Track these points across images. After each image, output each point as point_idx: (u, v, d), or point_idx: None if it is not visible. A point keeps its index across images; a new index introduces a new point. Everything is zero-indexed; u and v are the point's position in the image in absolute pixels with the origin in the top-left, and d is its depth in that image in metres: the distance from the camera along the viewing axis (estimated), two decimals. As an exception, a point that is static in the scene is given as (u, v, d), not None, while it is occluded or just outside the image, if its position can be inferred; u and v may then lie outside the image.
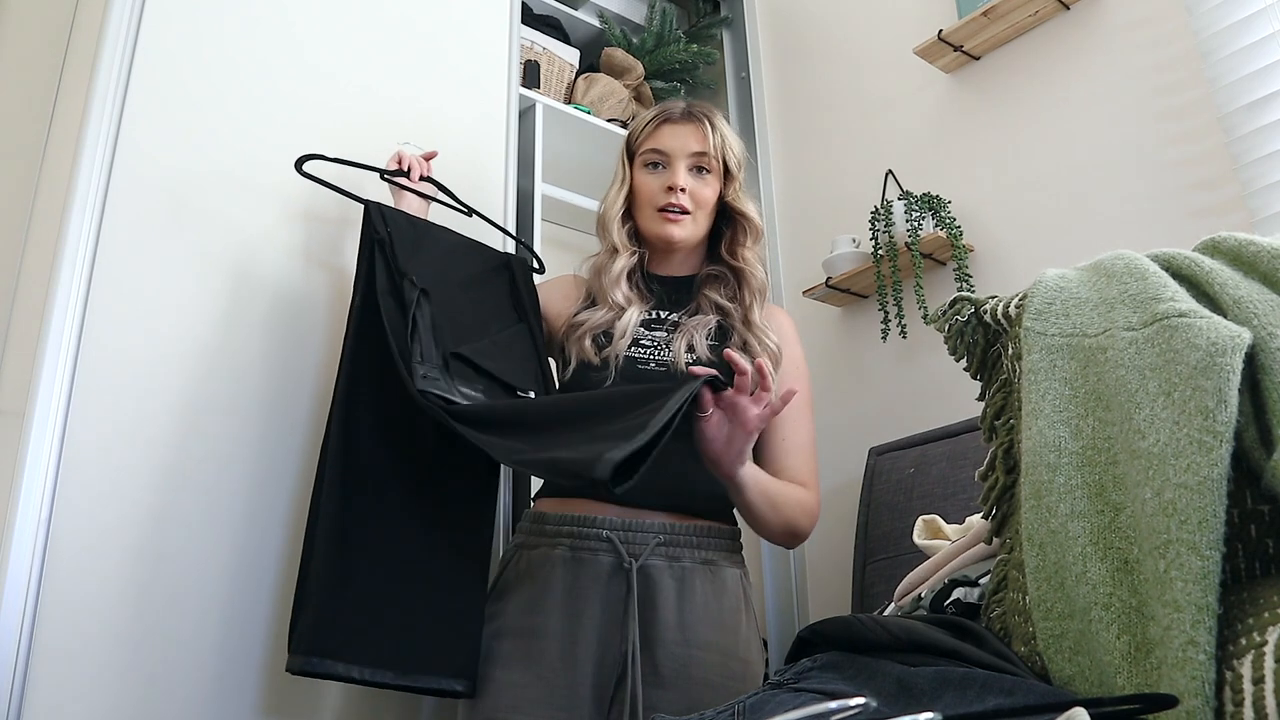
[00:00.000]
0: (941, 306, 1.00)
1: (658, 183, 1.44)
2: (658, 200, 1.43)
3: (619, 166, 1.50)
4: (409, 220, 1.45)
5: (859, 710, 0.59)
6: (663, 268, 1.49)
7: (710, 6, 2.72)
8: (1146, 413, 0.70)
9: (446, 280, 1.41)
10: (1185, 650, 0.61)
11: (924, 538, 1.28)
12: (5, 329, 1.43)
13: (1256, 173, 1.60)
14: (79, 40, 1.52)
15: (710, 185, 1.44)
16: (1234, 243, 0.82)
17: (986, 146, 2.04)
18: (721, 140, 1.44)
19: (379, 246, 1.38)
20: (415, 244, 1.41)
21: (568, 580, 1.29)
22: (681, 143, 1.43)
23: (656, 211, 1.43)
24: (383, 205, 1.43)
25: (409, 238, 1.41)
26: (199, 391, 1.39)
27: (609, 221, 1.46)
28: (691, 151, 1.43)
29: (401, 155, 1.53)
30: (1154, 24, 1.81)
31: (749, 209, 1.46)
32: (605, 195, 1.50)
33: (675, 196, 1.41)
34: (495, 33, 1.96)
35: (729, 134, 1.47)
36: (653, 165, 1.45)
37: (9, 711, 1.13)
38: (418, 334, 1.29)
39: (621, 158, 1.51)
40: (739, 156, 1.47)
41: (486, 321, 1.42)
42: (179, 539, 1.32)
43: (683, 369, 1.35)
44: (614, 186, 1.49)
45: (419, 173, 1.53)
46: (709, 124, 1.45)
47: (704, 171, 1.44)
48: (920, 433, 1.90)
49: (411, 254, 1.39)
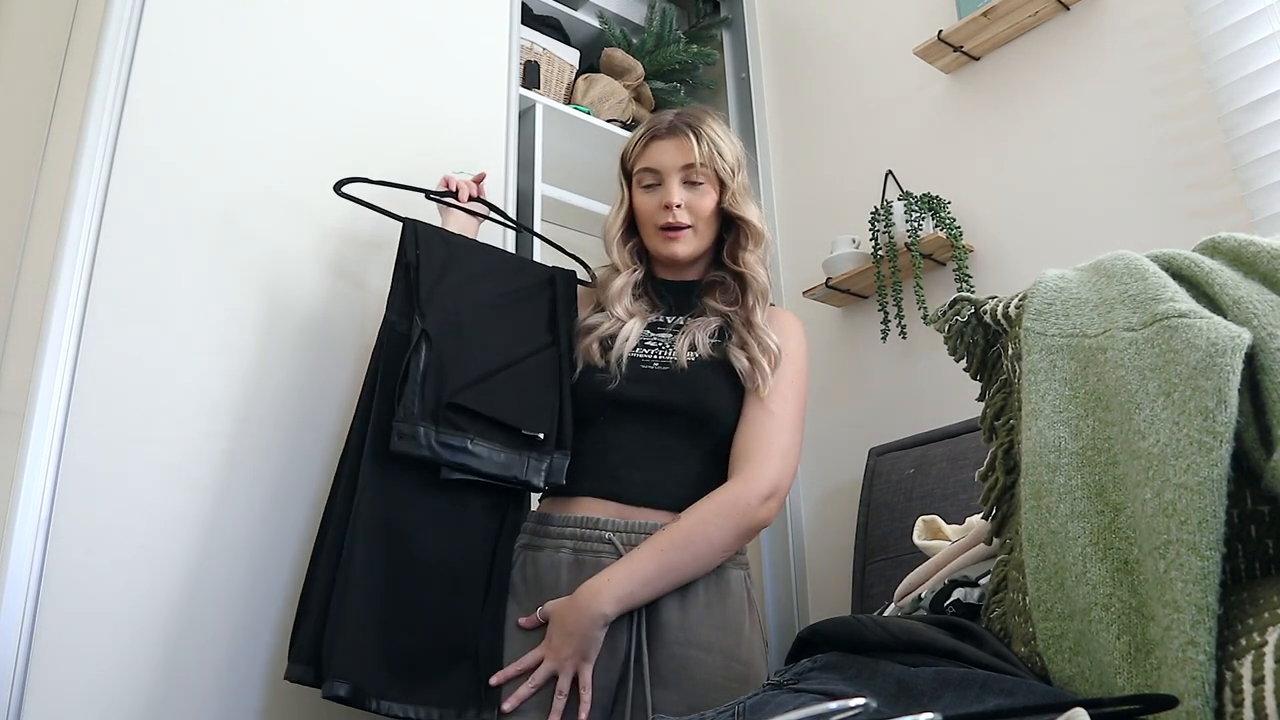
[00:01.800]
0: (941, 307, 1.00)
1: (654, 201, 1.44)
2: (657, 219, 1.44)
3: (619, 186, 1.52)
4: (444, 240, 1.45)
5: (859, 710, 0.59)
6: (670, 274, 1.50)
7: (710, 7, 2.72)
8: (1146, 413, 0.70)
9: (477, 303, 1.41)
10: (1185, 651, 0.61)
11: (924, 538, 1.28)
12: (5, 329, 1.43)
13: (1256, 173, 1.60)
14: (79, 40, 1.52)
15: (706, 195, 1.44)
16: (1234, 243, 0.81)
17: (986, 147, 2.04)
18: (709, 149, 1.43)
19: (407, 270, 1.39)
20: (445, 266, 1.41)
21: (571, 583, 1.29)
22: (670, 158, 1.43)
23: (658, 230, 1.44)
24: (419, 224, 1.44)
25: (439, 259, 1.41)
26: (200, 391, 1.40)
27: (610, 242, 1.49)
28: (681, 166, 1.43)
29: (449, 179, 1.56)
30: (1154, 24, 1.81)
31: (749, 213, 1.46)
32: (608, 215, 1.52)
33: (671, 215, 1.42)
34: (495, 33, 1.96)
35: (719, 139, 1.45)
36: (648, 185, 1.46)
37: (9, 711, 1.13)
38: (407, 383, 1.29)
39: (619, 177, 1.52)
40: (732, 160, 1.45)
41: (514, 345, 1.40)
42: (179, 539, 1.33)
43: (684, 367, 1.35)
44: (614, 207, 1.51)
45: (466, 194, 1.56)
46: (694, 135, 1.43)
47: (698, 183, 1.44)
48: (920, 433, 1.90)
49: (439, 278, 1.39)
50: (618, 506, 1.32)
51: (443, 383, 1.32)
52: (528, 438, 1.33)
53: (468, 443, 1.29)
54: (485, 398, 1.33)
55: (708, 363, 1.37)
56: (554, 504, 1.37)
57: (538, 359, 1.41)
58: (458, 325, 1.38)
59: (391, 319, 1.36)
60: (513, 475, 1.32)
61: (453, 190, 1.55)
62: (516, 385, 1.37)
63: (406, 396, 1.29)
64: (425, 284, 1.38)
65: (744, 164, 1.49)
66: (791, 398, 1.38)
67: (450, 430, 1.29)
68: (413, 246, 1.40)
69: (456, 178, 1.57)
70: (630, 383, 1.36)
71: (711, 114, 1.51)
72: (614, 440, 1.35)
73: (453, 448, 1.29)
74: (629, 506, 1.32)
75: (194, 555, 1.33)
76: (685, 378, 1.35)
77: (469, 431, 1.30)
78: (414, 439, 1.27)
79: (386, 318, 1.37)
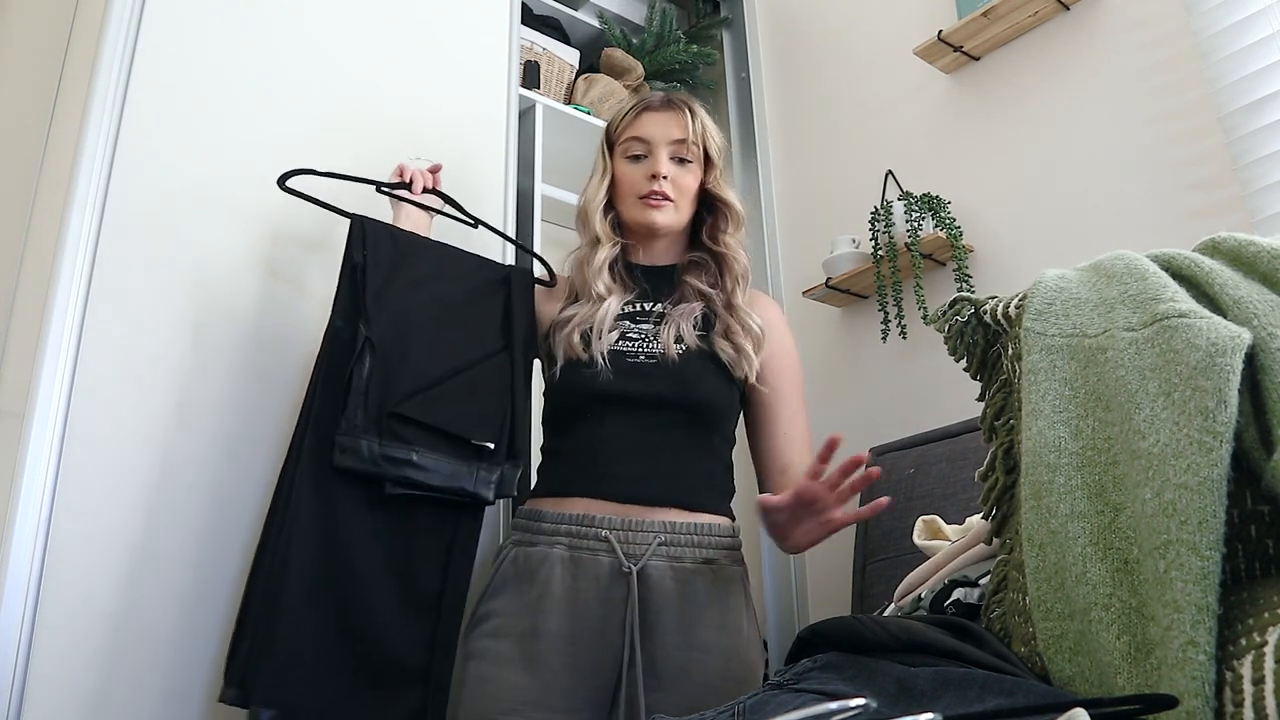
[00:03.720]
0: (941, 307, 1.00)
1: (640, 171, 1.43)
2: (640, 188, 1.43)
3: (599, 158, 1.50)
4: (393, 238, 1.38)
5: (859, 711, 0.59)
6: (645, 258, 1.48)
7: (710, 7, 2.72)
8: (1146, 413, 0.70)
9: (426, 305, 1.35)
10: (1185, 650, 0.61)
11: (924, 538, 1.28)
12: (5, 329, 1.43)
13: (1256, 173, 1.60)
14: (79, 40, 1.52)
15: (692, 173, 1.44)
16: (1234, 243, 0.82)
17: (986, 147, 2.04)
18: (702, 128, 1.44)
19: (354, 272, 1.32)
20: (395, 266, 1.35)
21: (567, 580, 1.28)
22: (663, 130, 1.43)
23: (639, 199, 1.43)
24: (367, 221, 1.37)
25: (387, 259, 1.34)
26: (202, 391, 1.39)
27: (591, 213, 1.45)
28: (673, 139, 1.43)
29: (404, 168, 1.50)
30: (1154, 24, 1.81)
31: (730, 195, 1.47)
32: (585, 187, 1.49)
33: (658, 184, 1.41)
34: (495, 33, 1.96)
35: (709, 122, 1.47)
36: (634, 155, 1.45)
37: (9, 711, 1.13)
38: (350, 394, 1.24)
39: (601, 149, 1.50)
40: (719, 145, 1.47)
41: (465, 350, 1.34)
42: (180, 539, 1.32)
43: (674, 359, 1.34)
44: (594, 178, 1.48)
45: (421, 185, 1.49)
46: (689, 112, 1.45)
47: (685, 160, 1.44)
48: (920, 433, 1.90)
49: (387, 280, 1.32)
50: (613, 505, 1.31)
51: (387, 392, 1.26)
52: (476, 448, 1.28)
53: (412, 455, 1.24)
54: (431, 407, 1.28)
55: (697, 354, 1.36)
56: (546, 501, 1.35)
57: (490, 364, 1.36)
58: (405, 330, 1.31)
59: (336, 324, 1.30)
60: (460, 487, 1.27)
61: (407, 181, 1.47)
62: (466, 393, 1.32)
63: (350, 408, 1.23)
64: (372, 286, 1.31)
65: (725, 154, 1.50)
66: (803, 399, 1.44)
67: (394, 442, 1.24)
68: (359, 246, 1.33)
69: (411, 166, 1.50)
70: (618, 376, 1.34)
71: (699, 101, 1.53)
72: (603, 436, 1.34)
73: (397, 461, 1.23)
74: (624, 504, 1.31)
75: (194, 555, 1.33)
76: (676, 370, 1.34)
77: (414, 443, 1.25)
78: (356, 453, 1.22)
79: (331, 322, 1.31)
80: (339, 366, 1.27)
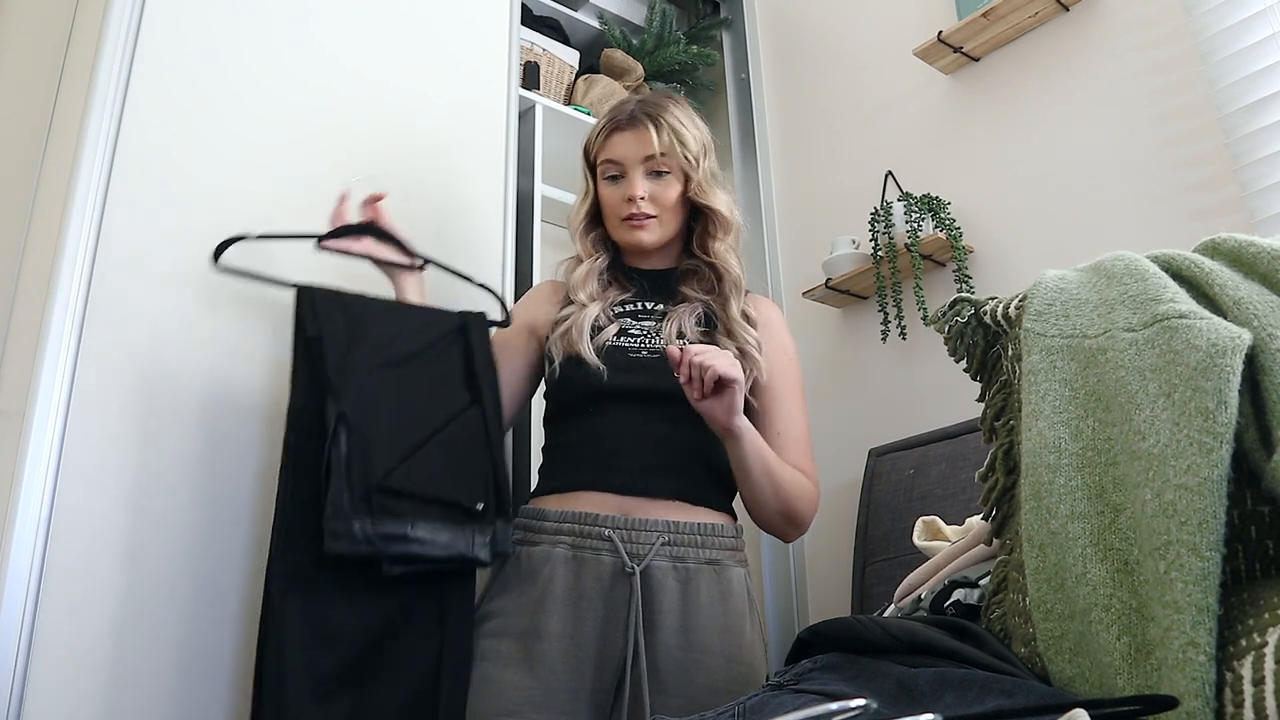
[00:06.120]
0: (941, 308, 1.00)
1: (618, 194, 1.43)
2: (621, 210, 1.43)
3: (583, 177, 1.51)
4: (343, 304, 1.31)
5: (859, 711, 0.59)
6: (641, 262, 1.49)
7: (710, 8, 2.72)
8: (1146, 414, 0.70)
9: (390, 370, 1.29)
10: (1185, 651, 0.61)
11: (924, 539, 1.28)
12: (5, 329, 1.43)
13: (1256, 173, 1.60)
14: (79, 40, 1.52)
15: (670, 185, 1.43)
16: (1234, 244, 0.82)
17: (986, 148, 2.04)
18: (670, 139, 1.41)
19: (308, 346, 1.25)
20: (351, 333, 1.28)
21: (569, 580, 1.28)
22: (633, 149, 1.42)
23: (622, 221, 1.43)
24: (314, 291, 1.29)
25: (343, 329, 1.28)
26: (202, 391, 1.39)
27: (573, 232, 1.49)
28: (644, 156, 1.41)
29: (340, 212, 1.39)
30: (1154, 25, 1.81)
31: (717, 202, 1.44)
32: (573, 205, 1.51)
33: (635, 206, 1.41)
34: (495, 34, 1.96)
35: (681, 127, 1.43)
36: (611, 176, 1.45)
37: (9, 711, 1.13)
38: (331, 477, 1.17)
39: (583, 168, 1.51)
40: (696, 149, 1.43)
41: (434, 411, 1.29)
42: (180, 539, 1.32)
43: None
44: (579, 198, 1.50)
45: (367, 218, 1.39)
46: (654, 125, 1.41)
47: (661, 173, 1.43)
48: (920, 434, 1.90)
49: (347, 351, 1.26)
50: (617, 500, 1.31)
51: (369, 467, 1.20)
52: (468, 510, 1.24)
53: (408, 529, 1.19)
54: (417, 475, 1.23)
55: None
56: (548, 499, 1.36)
57: (461, 421, 1.30)
58: (374, 400, 1.25)
59: (299, 402, 1.24)
60: (459, 554, 1.23)
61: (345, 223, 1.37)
62: (445, 455, 1.27)
63: (333, 491, 1.16)
64: (332, 360, 1.24)
65: (710, 150, 1.47)
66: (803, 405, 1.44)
67: (387, 518, 1.18)
68: (311, 319, 1.26)
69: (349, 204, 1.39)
70: (620, 372, 1.35)
71: (675, 100, 1.49)
72: (605, 430, 1.34)
73: (393, 537, 1.18)
74: (628, 498, 1.31)
75: (194, 555, 1.33)
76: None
77: (407, 516, 1.20)
78: (350, 537, 1.15)
79: (293, 401, 1.25)
80: (308, 447, 1.21)
